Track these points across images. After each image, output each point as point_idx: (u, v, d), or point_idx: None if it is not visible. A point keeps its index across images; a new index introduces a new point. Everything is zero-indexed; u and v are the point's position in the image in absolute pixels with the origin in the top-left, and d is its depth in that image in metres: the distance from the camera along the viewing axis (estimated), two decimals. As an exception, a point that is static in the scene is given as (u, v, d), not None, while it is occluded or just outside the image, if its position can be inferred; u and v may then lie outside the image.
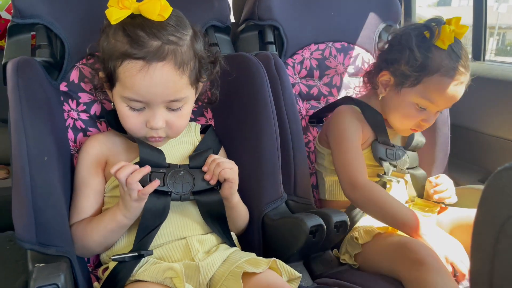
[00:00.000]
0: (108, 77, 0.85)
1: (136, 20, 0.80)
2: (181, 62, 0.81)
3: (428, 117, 1.10)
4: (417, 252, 0.91)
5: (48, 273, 0.71)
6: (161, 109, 0.84)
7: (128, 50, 0.79)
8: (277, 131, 1.04)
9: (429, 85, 1.05)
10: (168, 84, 0.81)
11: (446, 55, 1.04)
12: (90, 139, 0.95)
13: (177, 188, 0.87)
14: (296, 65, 1.32)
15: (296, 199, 1.11)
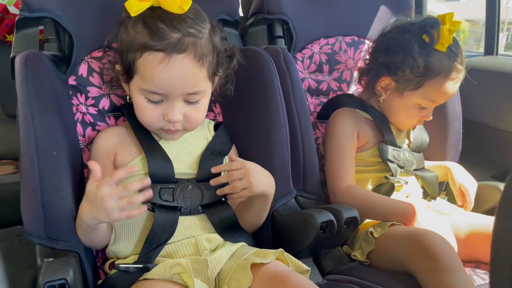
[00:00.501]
0: (125, 69, 0.85)
1: (156, 12, 0.80)
2: (200, 55, 0.81)
3: (428, 113, 1.13)
4: (430, 248, 0.89)
5: (57, 268, 0.71)
6: (179, 102, 0.84)
7: (148, 42, 0.79)
8: (287, 127, 1.03)
9: (431, 87, 1.07)
10: (187, 77, 0.81)
11: (445, 56, 1.06)
12: (103, 131, 0.95)
13: (186, 203, 0.88)
14: (305, 60, 1.30)
15: (306, 195, 1.11)
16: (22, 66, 0.84)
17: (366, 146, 1.16)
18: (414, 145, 1.22)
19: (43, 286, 0.69)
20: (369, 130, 1.17)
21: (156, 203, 0.86)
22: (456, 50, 1.07)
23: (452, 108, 1.30)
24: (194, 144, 0.96)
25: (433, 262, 0.87)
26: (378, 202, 1.07)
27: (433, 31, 1.05)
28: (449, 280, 0.84)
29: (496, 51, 1.58)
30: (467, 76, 1.11)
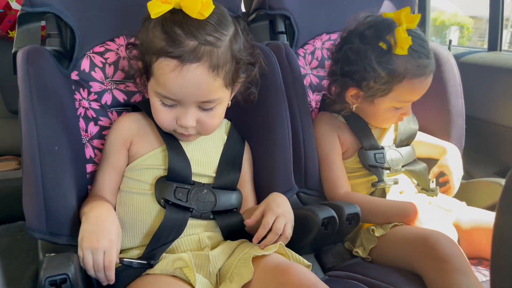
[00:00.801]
0: (144, 69, 0.86)
1: (176, 17, 0.79)
2: (216, 65, 0.80)
3: (406, 110, 1.11)
4: (438, 249, 0.89)
5: (58, 263, 0.71)
6: (193, 108, 0.83)
7: (164, 47, 0.78)
8: (289, 123, 1.03)
9: (400, 90, 1.05)
10: (200, 86, 0.80)
11: (408, 58, 1.02)
12: (123, 117, 0.95)
13: (198, 206, 0.87)
14: (307, 56, 1.30)
15: (307, 191, 1.11)
16: (24, 61, 0.84)
17: (347, 154, 1.16)
18: (399, 140, 1.19)
19: (44, 281, 0.68)
20: (348, 135, 1.15)
21: (170, 200, 0.86)
22: (418, 46, 1.02)
23: (455, 104, 1.29)
24: (211, 145, 0.96)
25: (442, 263, 0.87)
26: (378, 206, 1.06)
27: (389, 37, 1.01)
28: (458, 281, 0.84)
29: (500, 47, 1.57)
30: (470, 72, 1.09)
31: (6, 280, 0.89)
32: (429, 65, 1.04)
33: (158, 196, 0.86)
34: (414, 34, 1.03)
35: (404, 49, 1.01)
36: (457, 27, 10.56)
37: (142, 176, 0.89)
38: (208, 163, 0.94)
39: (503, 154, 1.40)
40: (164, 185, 0.87)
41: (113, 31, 1.01)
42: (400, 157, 1.16)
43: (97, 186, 0.90)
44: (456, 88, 1.29)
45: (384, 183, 1.11)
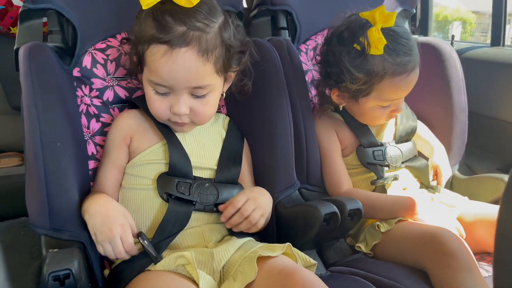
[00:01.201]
0: (138, 61, 0.88)
1: (166, 6, 0.81)
2: (205, 49, 0.81)
3: (396, 107, 1.09)
4: (446, 245, 0.89)
5: (62, 258, 0.72)
6: (185, 95, 0.85)
7: (154, 34, 0.81)
8: (291, 119, 1.03)
9: (382, 90, 1.03)
10: (190, 70, 0.82)
11: (385, 57, 1.00)
12: (123, 113, 0.96)
13: (201, 199, 0.88)
14: (309, 51, 1.29)
15: (309, 187, 1.11)
16: (26, 57, 0.84)
17: (346, 152, 1.15)
18: (398, 136, 1.18)
19: (48, 276, 0.69)
20: (347, 132, 1.15)
21: (172, 194, 0.87)
22: (395, 44, 1.00)
23: (458, 99, 1.29)
24: (208, 139, 0.97)
25: (449, 259, 0.87)
26: (379, 201, 1.07)
27: (362, 39, 1.01)
28: (465, 278, 0.84)
29: (503, 42, 1.57)
30: (473, 67, 1.08)
31: (10, 276, 0.90)
32: (409, 62, 1.01)
33: (161, 190, 0.87)
34: (391, 32, 1.01)
35: (379, 49, 0.99)
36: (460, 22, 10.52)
37: (143, 172, 0.90)
38: (207, 156, 0.94)
39: (506, 150, 1.39)
40: (166, 180, 0.88)
41: (114, 28, 1.01)
42: (399, 154, 1.15)
43: (98, 184, 0.91)
44: (459, 84, 1.29)
45: (382, 180, 1.11)
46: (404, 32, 1.03)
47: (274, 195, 0.99)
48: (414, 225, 1.01)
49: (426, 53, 1.29)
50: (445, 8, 10.11)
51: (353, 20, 1.06)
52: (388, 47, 1.00)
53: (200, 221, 0.89)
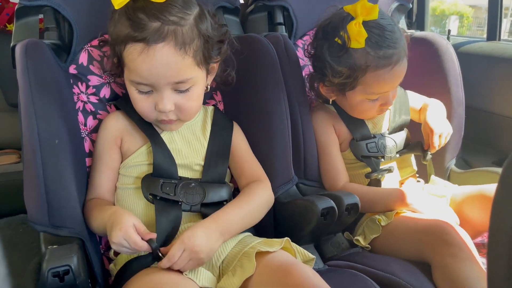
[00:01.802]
0: (117, 62, 0.86)
1: (138, 3, 0.80)
2: (182, 42, 0.80)
3: (385, 100, 1.08)
4: (452, 235, 0.90)
5: (61, 255, 0.72)
6: (168, 91, 0.84)
7: (129, 33, 0.79)
8: (288, 114, 1.03)
9: (366, 83, 1.03)
10: (169, 65, 0.81)
11: (366, 51, 1.00)
12: (110, 115, 0.96)
13: (187, 199, 0.87)
14: (306, 47, 1.29)
15: (307, 182, 1.11)
16: (22, 54, 0.84)
17: (343, 147, 1.16)
18: (392, 128, 1.18)
19: (47, 272, 0.69)
20: (342, 126, 1.15)
21: (157, 195, 0.86)
22: (377, 37, 0.99)
23: (456, 93, 1.29)
24: (195, 135, 0.96)
25: (455, 249, 0.88)
26: (375, 195, 1.07)
27: (342, 33, 1.01)
28: (471, 269, 0.86)
29: (499, 36, 1.57)
30: (469, 62, 1.08)
31: (10, 273, 0.90)
32: (393, 54, 1.00)
33: (145, 192, 0.86)
34: (374, 24, 1.00)
35: (360, 42, 0.99)
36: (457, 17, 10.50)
37: (133, 172, 0.90)
38: (194, 154, 0.93)
39: (503, 144, 1.40)
40: (150, 181, 0.87)
41: (111, 24, 1.01)
42: (394, 144, 1.16)
43: (95, 188, 0.90)
44: (456, 78, 1.29)
45: (377, 174, 1.11)
46: (388, 24, 1.02)
47: (272, 190, 1.00)
48: (414, 218, 1.02)
49: (423, 47, 1.29)
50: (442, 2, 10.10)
51: (336, 13, 1.06)
52: (370, 40, 0.99)
53: (194, 219, 0.89)
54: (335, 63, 1.02)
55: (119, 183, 0.92)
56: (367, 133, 1.14)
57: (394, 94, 1.11)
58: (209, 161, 0.94)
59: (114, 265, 0.86)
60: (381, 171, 1.12)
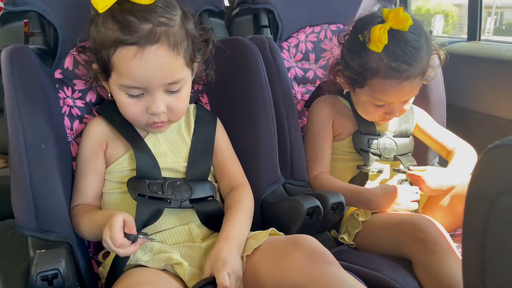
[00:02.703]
0: (102, 67, 0.84)
1: (124, 6, 0.79)
2: (174, 43, 0.81)
3: (390, 110, 1.09)
4: (427, 232, 0.92)
5: (49, 259, 0.72)
6: (160, 93, 0.84)
7: (120, 36, 0.78)
8: (273, 116, 1.05)
9: (373, 87, 1.05)
10: (164, 67, 0.81)
11: (381, 57, 1.01)
12: (94, 120, 0.95)
13: (175, 195, 0.87)
14: (292, 49, 1.31)
15: (293, 182, 1.12)
16: (7, 60, 0.84)
17: (340, 137, 1.18)
18: (398, 131, 1.21)
19: (36, 276, 0.70)
20: (346, 119, 1.17)
21: (145, 195, 0.85)
22: (397, 49, 1.00)
23: (436, 92, 1.32)
24: (176, 138, 0.96)
25: (431, 245, 0.91)
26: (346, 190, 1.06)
27: (366, 32, 1.02)
28: (448, 261, 0.89)
29: (479, 36, 1.61)
30: (450, 61, 1.10)
31: (-2, 278, 0.90)
32: (406, 70, 1.00)
33: (133, 193, 0.86)
34: (400, 36, 1.01)
35: (378, 47, 1.00)
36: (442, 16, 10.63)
37: (118, 178, 0.91)
38: (177, 158, 0.94)
39: (484, 142, 1.42)
40: (136, 183, 0.87)
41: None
42: (394, 147, 1.17)
43: (81, 194, 0.89)
44: (437, 78, 1.32)
45: (369, 168, 1.13)
46: (415, 40, 1.01)
47: (259, 191, 1.01)
48: (390, 215, 1.04)
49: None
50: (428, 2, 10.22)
51: (374, 12, 1.09)
52: (388, 49, 1.00)
53: (189, 218, 0.90)
54: (349, 57, 1.06)
55: (105, 188, 0.92)
56: (373, 130, 1.16)
57: (402, 109, 1.10)
58: (193, 160, 0.94)
59: (103, 268, 0.87)
60: (373, 168, 1.14)
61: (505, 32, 12.83)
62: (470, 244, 0.46)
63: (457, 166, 1.12)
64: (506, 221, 0.42)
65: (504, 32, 12.82)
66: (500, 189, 0.42)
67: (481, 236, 0.44)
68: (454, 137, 1.23)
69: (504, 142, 0.43)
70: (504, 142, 0.43)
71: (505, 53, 1.40)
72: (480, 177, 0.45)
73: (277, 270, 0.77)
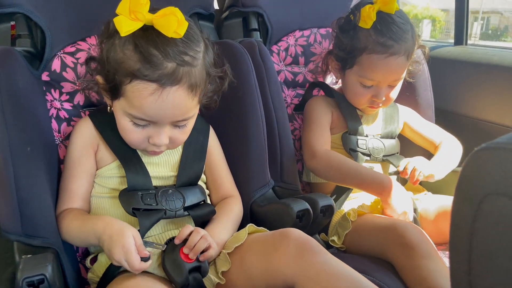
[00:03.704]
0: (111, 88, 0.80)
1: (149, 35, 0.74)
2: (194, 84, 0.78)
3: (377, 92, 1.13)
4: (406, 237, 0.94)
5: (35, 264, 0.72)
6: (167, 127, 0.82)
7: (140, 69, 0.74)
8: (263, 119, 1.05)
9: (361, 64, 1.11)
10: (179, 106, 0.79)
11: (369, 33, 1.09)
12: (85, 120, 0.91)
13: (170, 205, 0.86)
14: (281, 52, 1.32)
15: (283, 185, 1.12)
16: (-7, 63, 0.83)
17: (335, 131, 1.20)
18: (384, 133, 1.24)
19: (22, 282, 0.69)
20: (339, 116, 1.21)
21: (140, 208, 0.83)
22: (385, 26, 1.08)
23: (424, 96, 1.34)
24: None
25: (409, 250, 0.92)
26: (356, 169, 1.09)
27: (356, 12, 1.12)
28: (426, 265, 0.89)
29: (466, 41, 1.63)
30: (438, 66, 1.13)
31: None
32: (392, 46, 1.07)
33: (127, 207, 0.83)
34: (388, 16, 1.09)
35: (367, 23, 1.09)
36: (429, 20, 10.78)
37: (108, 183, 0.89)
38: (169, 166, 0.93)
39: (470, 144, 1.44)
40: (129, 196, 0.84)
41: (84, 31, 1.01)
42: (382, 147, 1.20)
43: (70, 197, 0.87)
44: (425, 82, 1.34)
45: None
46: (401, 22, 1.10)
47: (248, 194, 1.01)
48: (375, 218, 1.05)
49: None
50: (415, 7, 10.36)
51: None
52: (377, 26, 1.08)
53: (183, 223, 0.89)
54: (341, 35, 1.14)
55: (94, 191, 0.90)
56: (360, 131, 1.19)
57: (389, 96, 1.15)
58: (184, 166, 0.93)
59: (93, 273, 0.86)
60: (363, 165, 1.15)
61: (491, 37, 13.06)
62: (457, 246, 0.46)
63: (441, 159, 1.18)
64: (493, 223, 0.42)
65: (490, 37, 13.05)
66: (487, 191, 0.43)
67: (468, 238, 0.45)
68: (441, 131, 1.28)
69: (490, 145, 0.44)
70: (490, 145, 0.44)
71: (492, 57, 1.42)
72: (467, 179, 0.46)
73: (267, 264, 0.78)
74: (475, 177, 0.44)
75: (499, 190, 0.41)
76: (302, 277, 0.74)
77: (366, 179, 1.08)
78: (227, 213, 0.94)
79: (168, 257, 0.80)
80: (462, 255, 0.46)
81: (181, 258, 0.80)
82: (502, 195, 0.41)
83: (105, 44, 0.80)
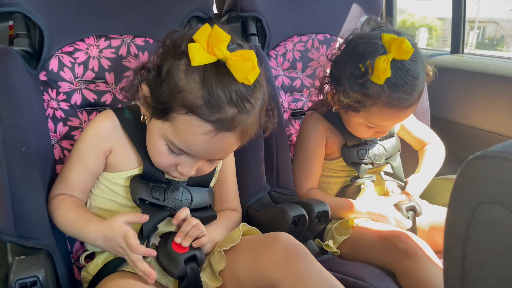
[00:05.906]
0: (159, 107, 0.74)
1: (219, 72, 0.70)
2: (245, 133, 0.77)
3: (382, 130, 1.09)
4: (408, 243, 0.94)
5: (28, 266, 0.71)
6: (201, 162, 0.80)
7: (200, 107, 0.70)
8: (260, 123, 1.05)
9: (371, 113, 1.03)
10: (225, 150, 0.78)
11: (383, 87, 0.98)
12: (106, 117, 0.85)
13: (176, 204, 0.85)
14: (279, 57, 1.32)
15: (279, 190, 1.13)
16: (-10, 62, 0.83)
17: (332, 156, 1.17)
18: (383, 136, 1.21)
19: (15, 283, 0.68)
20: (335, 138, 1.16)
21: (147, 200, 0.82)
22: (399, 80, 0.97)
23: (421, 104, 1.34)
24: None
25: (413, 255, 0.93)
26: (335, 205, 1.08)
27: (369, 63, 0.98)
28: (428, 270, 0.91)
29: (462, 49, 1.64)
30: (434, 74, 1.12)
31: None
32: (406, 100, 0.99)
33: (134, 195, 0.82)
34: (401, 66, 0.98)
35: (381, 79, 0.97)
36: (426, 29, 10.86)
37: (117, 188, 0.86)
38: None
39: (467, 153, 1.45)
40: (141, 184, 0.83)
41: (82, 31, 1.01)
42: (383, 151, 1.18)
43: (68, 185, 0.85)
44: (421, 89, 1.34)
45: (362, 181, 1.14)
46: (415, 69, 0.99)
47: (245, 199, 1.01)
48: (374, 226, 1.06)
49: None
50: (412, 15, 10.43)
51: (373, 37, 1.02)
52: (391, 80, 0.97)
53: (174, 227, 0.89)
54: (350, 86, 1.01)
55: (97, 191, 0.87)
56: (359, 140, 1.16)
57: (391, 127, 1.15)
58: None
59: (86, 272, 0.85)
60: (365, 179, 1.15)
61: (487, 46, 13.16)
62: (451, 253, 0.47)
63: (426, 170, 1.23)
64: (487, 231, 0.43)
65: (486, 46, 13.15)
66: (481, 199, 0.43)
67: (462, 245, 0.45)
68: (430, 133, 1.29)
69: (484, 153, 0.44)
70: (484, 153, 0.44)
71: (488, 66, 1.44)
72: (461, 187, 0.46)
73: (254, 266, 0.78)
74: (469, 185, 0.45)
75: (493, 199, 0.42)
76: (284, 283, 0.74)
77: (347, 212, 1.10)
78: (224, 218, 0.95)
79: (161, 251, 0.80)
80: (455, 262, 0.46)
81: (173, 249, 0.79)
82: (496, 203, 0.41)
83: (167, 61, 0.75)
